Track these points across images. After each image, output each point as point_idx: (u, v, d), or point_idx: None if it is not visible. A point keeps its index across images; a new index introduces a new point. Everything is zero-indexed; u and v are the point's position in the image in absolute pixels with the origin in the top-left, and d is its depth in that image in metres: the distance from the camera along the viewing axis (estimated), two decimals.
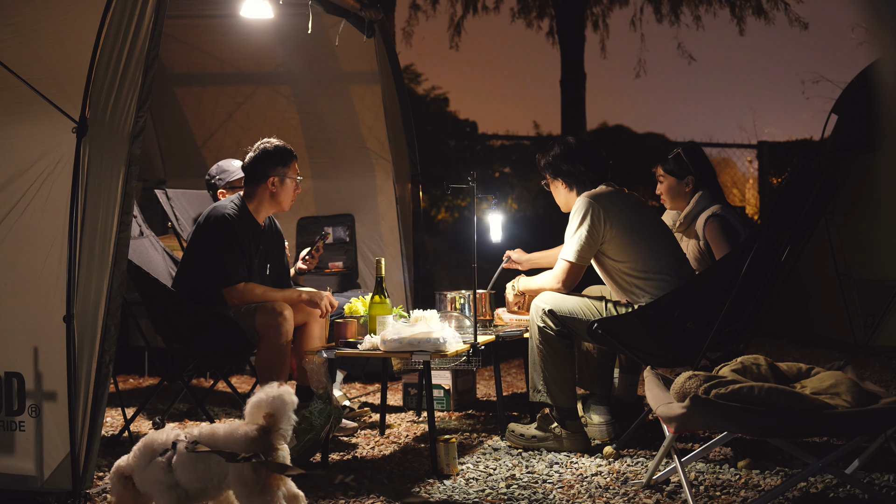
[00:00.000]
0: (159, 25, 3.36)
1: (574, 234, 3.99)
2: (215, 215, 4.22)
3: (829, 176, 3.81)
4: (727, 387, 2.95)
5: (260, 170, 4.27)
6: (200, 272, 4.24)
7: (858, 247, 6.67)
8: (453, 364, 3.99)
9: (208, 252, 4.19)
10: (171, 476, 2.76)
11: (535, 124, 17.88)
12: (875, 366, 6.00)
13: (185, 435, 2.79)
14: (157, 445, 2.79)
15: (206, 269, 4.21)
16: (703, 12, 13.38)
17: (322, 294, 4.22)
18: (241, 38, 5.78)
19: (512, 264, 4.56)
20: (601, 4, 13.92)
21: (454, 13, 13.83)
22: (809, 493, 3.30)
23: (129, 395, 5.39)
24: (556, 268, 4.09)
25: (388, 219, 6.01)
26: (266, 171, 4.26)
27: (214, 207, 4.27)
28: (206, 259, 4.21)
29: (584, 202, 3.99)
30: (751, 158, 12.32)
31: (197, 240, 4.29)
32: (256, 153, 4.29)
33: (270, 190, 4.28)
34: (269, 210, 4.36)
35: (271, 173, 4.26)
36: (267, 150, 4.28)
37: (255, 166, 4.28)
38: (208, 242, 4.21)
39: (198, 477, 2.74)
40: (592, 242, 3.97)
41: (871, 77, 6.65)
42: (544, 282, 4.16)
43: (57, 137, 3.22)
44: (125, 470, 2.85)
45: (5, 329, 3.26)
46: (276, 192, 4.28)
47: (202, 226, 4.26)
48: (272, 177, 4.26)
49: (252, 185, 4.30)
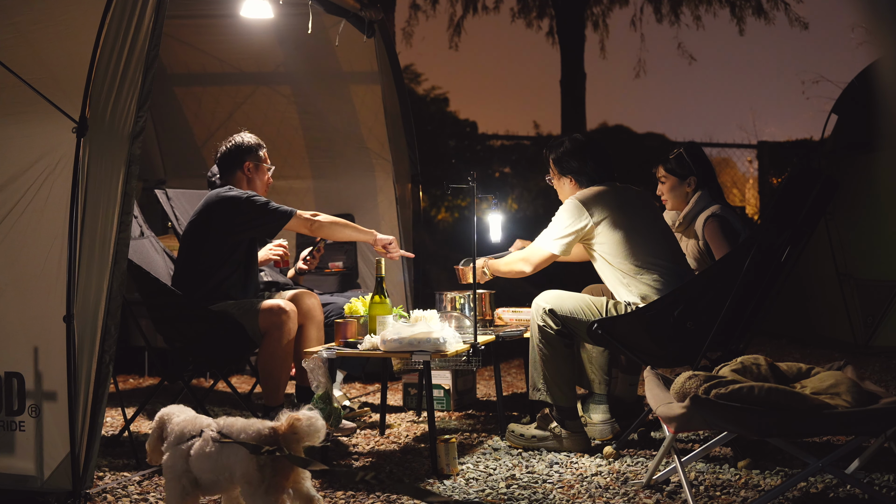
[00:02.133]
0: (159, 25, 3.36)
1: (554, 225, 4.05)
2: (220, 194, 4.26)
3: (829, 176, 3.81)
4: (727, 387, 2.95)
5: (236, 158, 4.43)
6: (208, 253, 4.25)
7: (858, 247, 6.67)
8: (453, 364, 3.99)
9: (243, 214, 4.20)
10: (186, 464, 2.77)
11: (535, 124, 17.92)
12: (875, 366, 6.00)
13: (214, 425, 2.80)
14: (188, 431, 2.81)
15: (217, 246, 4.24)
16: (703, 12, 13.40)
17: (388, 238, 4.35)
18: (241, 38, 5.78)
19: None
20: (601, 4, 13.94)
21: (454, 13, 13.85)
22: (809, 493, 3.30)
23: (129, 395, 5.40)
24: (534, 252, 4.12)
25: (388, 219, 6.01)
26: (241, 158, 4.43)
27: (215, 192, 4.32)
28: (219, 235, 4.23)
29: (572, 202, 4.03)
30: (751, 158, 12.32)
31: (205, 221, 4.28)
32: (229, 146, 4.46)
33: (247, 176, 4.44)
34: None
35: (246, 158, 4.43)
36: (238, 140, 4.47)
37: (231, 156, 4.45)
38: (237, 208, 4.21)
39: (211, 467, 2.75)
40: (570, 239, 4.03)
41: (871, 77, 6.65)
42: (515, 263, 4.21)
43: (57, 137, 3.22)
44: (163, 434, 2.87)
45: (5, 329, 3.26)
46: (251, 178, 4.45)
47: (217, 204, 4.24)
48: (247, 162, 4.43)
49: (230, 173, 4.45)
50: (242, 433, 2.74)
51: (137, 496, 3.36)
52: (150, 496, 3.37)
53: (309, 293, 4.33)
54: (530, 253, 4.15)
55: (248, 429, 2.75)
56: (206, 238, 4.27)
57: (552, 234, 4.06)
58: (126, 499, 3.34)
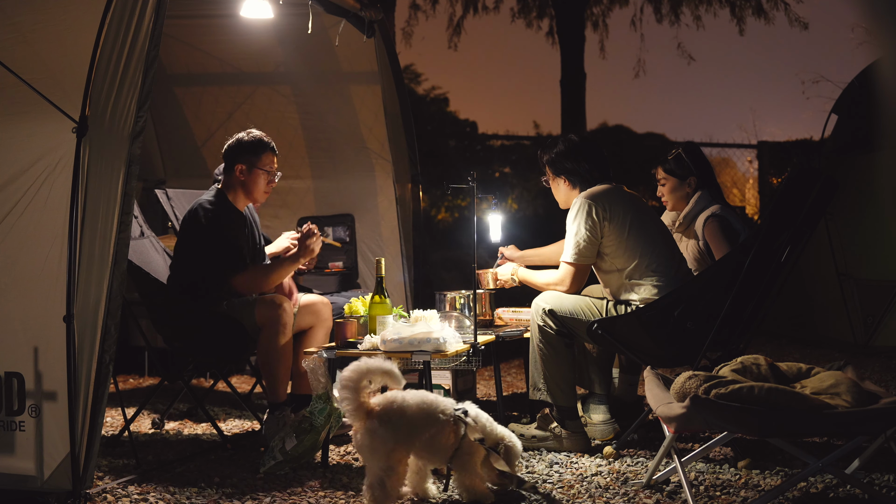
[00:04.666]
0: (159, 25, 3.36)
1: (574, 236, 3.99)
2: (200, 208, 4.23)
3: (829, 176, 3.81)
4: (727, 387, 2.95)
5: (230, 157, 4.31)
6: (196, 267, 4.23)
7: (858, 247, 6.67)
8: (453, 364, 3.99)
9: (203, 245, 4.19)
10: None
11: (535, 124, 17.90)
12: (875, 366, 6.00)
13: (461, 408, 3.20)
14: (442, 408, 3.14)
15: (202, 262, 4.20)
16: (703, 12, 13.39)
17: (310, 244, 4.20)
18: (241, 38, 5.78)
19: (505, 262, 4.55)
20: (601, 4, 13.93)
21: (454, 13, 13.83)
22: (809, 493, 3.30)
23: (129, 395, 5.40)
24: (561, 272, 4.07)
25: (388, 219, 6.01)
26: (234, 158, 4.29)
27: (197, 202, 4.28)
28: (201, 253, 4.20)
29: (581, 202, 3.99)
30: (751, 158, 12.32)
31: (188, 235, 4.27)
32: (230, 142, 4.34)
33: (239, 178, 4.29)
34: (245, 201, 4.37)
35: (239, 160, 4.28)
36: (240, 138, 4.32)
37: (227, 154, 4.33)
38: (201, 235, 4.20)
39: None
40: (593, 241, 3.97)
41: (871, 77, 6.65)
42: (547, 282, 4.15)
43: (57, 137, 3.22)
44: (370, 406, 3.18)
45: (5, 329, 3.26)
46: (245, 182, 4.29)
47: (191, 220, 4.24)
48: (240, 164, 4.27)
49: (226, 173, 4.35)
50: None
51: (137, 496, 3.36)
52: (150, 496, 3.37)
53: (322, 300, 4.33)
54: (564, 274, 4.06)
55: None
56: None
57: (571, 249, 4.00)
58: (126, 499, 3.34)
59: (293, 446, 3.68)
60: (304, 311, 4.26)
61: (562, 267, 4.07)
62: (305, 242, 4.20)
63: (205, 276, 4.18)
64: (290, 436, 3.70)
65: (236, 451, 4.06)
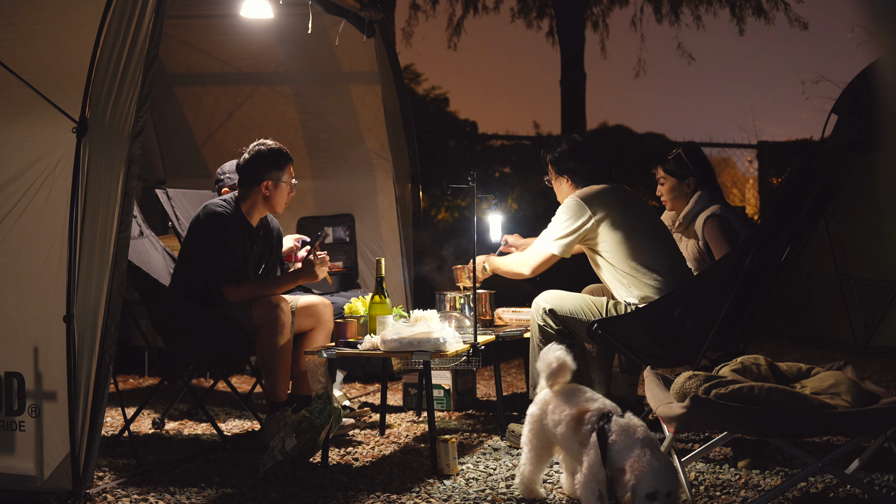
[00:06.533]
0: (159, 25, 3.36)
1: (557, 224, 4.03)
2: (206, 213, 4.21)
3: (829, 176, 3.81)
4: (727, 387, 2.95)
5: (254, 173, 4.22)
6: (198, 270, 4.23)
7: (858, 247, 6.67)
8: (453, 364, 4.00)
9: (205, 250, 4.19)
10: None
11: (535, 124, 17.92)
12: (875, 366, 6.00)
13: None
14: (590, 414, 3.08)
15: (203, 267, 4.20)
16: (703, 12, 13.40)
17: (317, 270, 4.19)
18: (241, 38, 5.78)
19: (509, 248, 4.55)
20: (601, 4, 13.94)
21: (454, 13, 13.86)
22: (809, 493, 3.30)
23: (129, 395, 5.40)
24: (534, 254, 4.10)
25: (388, 219, 6.01)
26: (260, 175, 4.21)
27: (206, 206, 4.25)
28: (203, 257, 4.20)
29: (573, 202, 4.01)
30: (751, 158, 12.32)
31: (193, 238, 4.27)
32: (251, 155, 4.24)
33: (264, 194, 4.23)
34: (262, 212, 4.34)
35: (266, 177, 4.21)
36: (261, 152, 4.22)
37: (250, 169, 4.23)
38: (204, 240, 4.20)
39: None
40: (574, 240, 4.01)
41: (871, 77, 6.65)
42: (514, 264, 4.19)
43: (57, 137, 3.22)
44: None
45: (5, 329, 3.26)
46: (269, 196, 4.24)
47: (197, 223, 4.24)
48: (266, 180, 4.21)
49: (246, 187, 4.26)
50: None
51: (137, 496, 3.36)
52: (150, 496, 3.37)
53: (323, 301, 4.33)
54: (530, 255, 4.14)
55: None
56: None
57: (552, 235, 4.06)
58: (126, 499, 3.34)
59: (293, 446, 3.68)
60: (304, 313, 4.25)
61: (539, 250, 4.09)
62: (313, 268, 4.18)
63: (207, 282, 4.18)
64: (290, 436, 3.70)
65: (236, 451, 4.06)
